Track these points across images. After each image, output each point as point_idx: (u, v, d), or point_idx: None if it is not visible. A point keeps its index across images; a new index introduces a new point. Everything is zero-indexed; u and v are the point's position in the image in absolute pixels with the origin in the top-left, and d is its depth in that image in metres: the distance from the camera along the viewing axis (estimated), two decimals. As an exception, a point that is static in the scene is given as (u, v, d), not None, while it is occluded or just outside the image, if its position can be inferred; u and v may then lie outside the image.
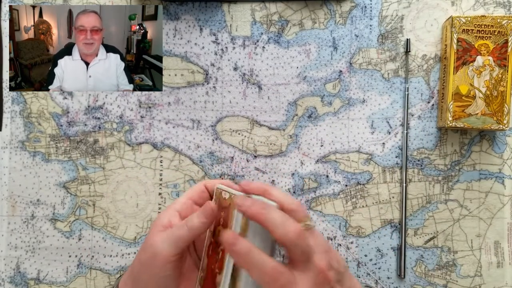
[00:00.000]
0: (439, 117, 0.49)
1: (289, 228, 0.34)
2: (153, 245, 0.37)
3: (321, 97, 0.50)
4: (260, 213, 0.35)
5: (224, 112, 0.51)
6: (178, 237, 0.37)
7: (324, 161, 0.50)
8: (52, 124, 0.50)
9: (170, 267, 0.37)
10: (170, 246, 0.37)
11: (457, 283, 0.49)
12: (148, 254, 0.38)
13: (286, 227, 0.34)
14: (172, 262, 0.37)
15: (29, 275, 0.50)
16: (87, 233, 0.50)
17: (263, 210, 0.35)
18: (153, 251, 0.37)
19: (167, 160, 0.50)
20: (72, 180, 0.50)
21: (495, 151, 0.50)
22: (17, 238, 0.50)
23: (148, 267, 0.38)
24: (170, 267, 0.37)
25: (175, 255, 0.37)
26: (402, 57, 0.50)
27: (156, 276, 0.37)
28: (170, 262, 0.37)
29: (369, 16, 0.50)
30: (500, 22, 0.46)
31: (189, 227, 0.37)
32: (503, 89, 0.46)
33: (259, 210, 0.35)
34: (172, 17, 0.50)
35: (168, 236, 0.37)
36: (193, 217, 0.38)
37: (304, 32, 0.50)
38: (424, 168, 0.50)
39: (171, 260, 0.37)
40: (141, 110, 0.50)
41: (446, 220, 0.50)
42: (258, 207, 0.35)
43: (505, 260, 0.49)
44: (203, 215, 0.37)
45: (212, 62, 0.50)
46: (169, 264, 0.37)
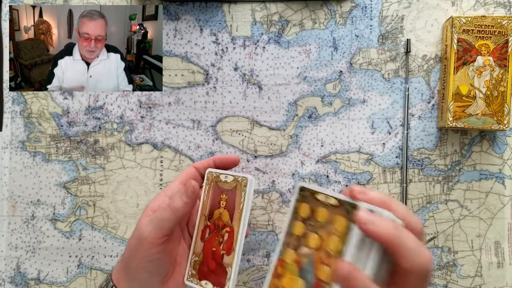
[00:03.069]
0: (439, 117, 0.49)
1: (425, 257, 0.29)
2: (139, 229, 0.38)
3: (321, 97, 0.50)
4: (393, 235, 0.29)
5: (225, 112, 0.50)
6: (161, 219, 0.37)
7: (324, 161, 0.50)
8: (52, 124, 0.50)
9: (157, 250, 0.37)
10: (155, 229, 0.37)
11: (457, 283, 0.49)
12: (135, 238, 0.38)
13: (422, 256, 0.29)
14: (158, 245, 0.37)
15: (29, 275, 0.50)
16: (88, 233, 0.50)
17: (397, 232, 0.29)
18: (139, 236, 0.37)
19: (168, 160, 0.50)
20: (73, 180, 0.50)
21: (496, 151, 0.50)
22: (17, 238, 0.50)
23: (136, 252, 0.38)
24: (156, 250, 0.37)
25: (161, 237, 0.37)
26: (403, 57, 0.50)
27: (144, 260, 0.37)
28: (156, 246, 0.37)
29: (369, 16, 0.50)
30: (501, 22, 0.46)
31: (172, 208, 0.37)
32: (503, 89, 0.46)
33: (394, 232, 0.29)
34: (172, 17, 0.50)
35: (152, 219, 0.37)
36: (175, 197, 0.38)
37: (304, 32, 0.50)
38: (425, 168, 0.50)
39: (157, 243, 0.37)
40: (142, 110, 0.50)
41: (447, 220, 0.50)
42: (391, 228, 0.29)
43: (505, 260, 0.49)
44: (185, 195, 0.37)
45: (212, 62, 0.50)
46: (155, 247, 0.37)
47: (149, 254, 0.37)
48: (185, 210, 0.38)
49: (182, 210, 0.37)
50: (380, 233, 0.29)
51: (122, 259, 0.40)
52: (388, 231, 0.29)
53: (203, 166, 0.43)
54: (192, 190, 0.37)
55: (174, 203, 0.37)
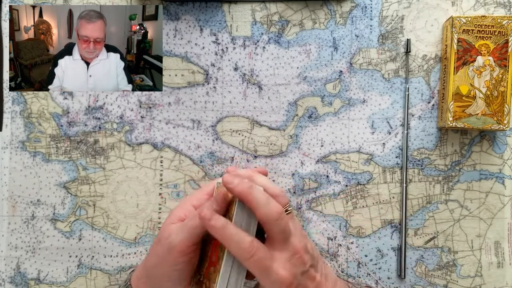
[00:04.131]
0: (439, 117, 0.49)
1: (272, 207, 0.36)
2: (168, 237, 0.38)
3: (321, 97, 0.50)
4: (246, 191, 0.36)
5: (225, 112, 0.50)
6: (192, 227, 0.37)
7: (324, 161, 0.50)
8: (52, 124, 0.50)
9: (186, 259, 0.37)
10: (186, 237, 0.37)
11: (457, 283, 0.49)
12: (164, 246, 0.38)
13: (269, 206, 0.36)
14: (187, 254, 0.37)
15: (29, 275, 0.50)
16: (88, 233, 0.50)
17: (249, 189, 0.36)
18: (169, 243, 0.37)
19: (168, 160, 0.50)
20: (73, 180, 0.50)
21: (495, 152, 0.50)
22: (17, 238, 0.50)
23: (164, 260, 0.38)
24: (185, 259, 0.37)
25: (191, 245, 0.37)
26: (403, 57, 0.50)
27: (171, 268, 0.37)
28: (186, 254, 0.37)
29: (369, 16, 0.50)
30: (501, 22, 0.46)
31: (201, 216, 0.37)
32: (503, 89, 0.46)
33: (246, 188, 0.36)
34: (172, 17, 0.50)
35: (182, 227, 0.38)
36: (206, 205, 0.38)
37: (304, 32, 0.50)
38: (425, 168, 0.50)
39: (187, 251, 0.37)
40: (142, 110, 0.50)
41: (447, 220, 0.50)
42: (244, 185, 0.36)
43: (505, 260, 0.49)
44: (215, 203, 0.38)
45: (212, 62, 0.50)
46: (184, 255, 0.37)
47: (177, 262, 0.37)
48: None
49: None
50: (237, 189, 0.36)
51: (144, 266, 0.40)
52: (243, 188, 0.36)
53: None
54: (222, 198, 0.38)
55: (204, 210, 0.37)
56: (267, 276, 0.35)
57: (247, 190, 0.36)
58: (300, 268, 0.37)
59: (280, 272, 0.35)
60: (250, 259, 0.35)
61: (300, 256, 0.37)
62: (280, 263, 0.36)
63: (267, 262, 0.35)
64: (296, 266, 0.36)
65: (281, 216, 0.36)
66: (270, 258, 0.35)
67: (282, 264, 0.36)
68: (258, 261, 0.35)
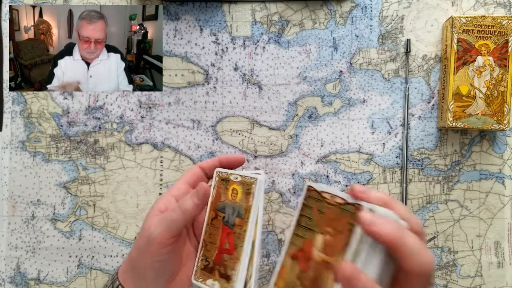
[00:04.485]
0: (439, 117, 0.49)
1: (427, 258, 0.29)
2: (148, 229, 0.38)
3: (321, 97, 0.50)
4: (396, 236, 0.28)
5: (225, 112, 0.50)
6: (171, 219, 0.37)
7: (324, 161, 0.50)
8: (52, 124, 0.50)
9: (166, 250, 0.37)
10: (165, 229, 0.37)
11: (457, 283, 0.49)
12: (144, 238, 0.38)
13: (423, 257, 0.29)
14: (167, 246, 0.37)
15: (29, 275, 0.50)
16: (88, 233, 0.50)
17: (400, 233, 0.29)
18: (148, 236, 0.37)
19: (168, 160, 0.50)
20: (73, 180, 0.50)
21: (496, 151, 0.50)
22: (17, 238, 0.50)
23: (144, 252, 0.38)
24: (166, 250, 0.37)
25: (170, 238, 0.37)
26: (403, 57, 0.50)
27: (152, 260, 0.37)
28: (166, 246, 0.37)
29: (369, 16, 0.50)
30: (501, 22, 0.46)
31: (182, 209, 0.37)
32: (503, 89, 0.46)
33: (396, 233, 0.29)
34: (172, 17, 0.50)
35: (162, 219, 0.37)
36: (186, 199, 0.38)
37: (304, 32, 0.50)
38: (425, 168, 0.50)
39: (167, 243, 0.37)
40: (142, 110, 0.50)
41: (447, 220, 0.50)
42: (394, 229, 0.29)
43: (505, 260, 0.49)
44: (196, 197, 0.37)
45: (212, 62, 0.50)
46: (165, 248, 0.37)
47: (158, 254, 0.37)
48: (195, 212, 0.38)
49: (192, 212, 0.37)
50: (383, 234, 0.28)
51: (129, 258, 0.40)
52: (391, 232, 0.28)
53: (208, 165, 0.43)
54: (204, 192, 0.37)
55: (184, 204, 0.37)
56: None
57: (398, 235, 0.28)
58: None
59: None
60: None
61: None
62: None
63: None
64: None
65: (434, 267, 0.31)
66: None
67: None
68: None
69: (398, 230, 0.29)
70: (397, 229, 0.29)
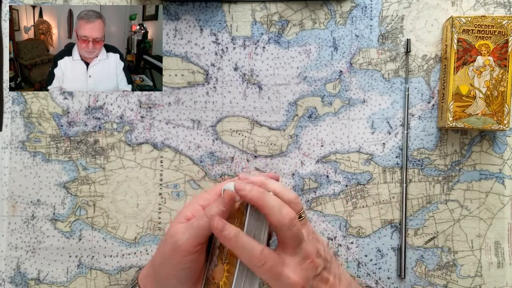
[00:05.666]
0: (439, 117, 0.49)
1: (285, 214, 0.36)
2: (174, 236, 0.38)
3: (321, 97, 0.50)
4: (259, 197, 0.36)
5: (225, 112, 0.50)
6: (198, 227, 0.37)
7: (324, 161, 0.50)
8: (52, 124, 0.50)
9: (191, 259, 0.37)
10: (192, 237, 0.37)
11: (457, 283, 0.49)
12: (169, 245, 0.38)
13: (283, 212, 0.36)
14: (192, 254, 0.37)
15: (29, 275, 0.50)
16: (87, 233, 0.50)
17: (262, 194, 0.36)
18: (174, 242, 0.37)
19: (168, 160, 0.50)
20: (73, 180, 0.50)
21: (496, 151, 0.50)
22: (17, 238, 0.50)
23: (169, 259, 0.38)
24: (190, 259, 0.37)
25: (197, 245, 0.37)
26: (403, 57, 0.50)
27: (177, 267, 0.38)
28: (191, 254, 0.37)
29: (369, 16, 0.50)
30: (501, 22, 0.46)
31: (209, 216, 0.37)
32: (503, 89, 0.46)
33: (258, 194, 0.36)
34: (172, 17, 0.50)
35: (189, 226, 0.38)
36: (212, 206, 0.38)
37: (304, 32, 0.50)
38: (425, 168, 0.50)
39: (193, 251, 0.37)
40: (142, 110, 0.50)
41: (447, 220, 0.50)
42: (258, 192, 0.36)
43: (505, 260, 0.49)
44: (222, 203, 0.38)
45: (212, 62, 0.50)
46: (189, 255, 0.37)
47: (183, 262, 0.37)
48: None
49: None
50: (250, 195, 0.36)
51: (152, 264, 0.40)
52: (256, 194, 0.36)
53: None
54: (229, 199, 0.38)
55: (211, 211, 0.37)
56: (278, 282, 0.36)
57: (260, 196, 0.36)
58: (312, 272, 0.37)
59: (291, 277, 0.36)
60: (261, 267, 0.35)
61: (312, 260, 0.37)
62: (291, 268, 0.36)
63: (278, 269, 0.36)
64: (307, 271, 0.37)
65: (293, 222, 0.36)
66: (281, 264, 0.36)
67: (293, 269, 0.36)
68: (269, 269, 0.35)
69: (261, 192, 0.37)
70: (260, 192, 0.37)
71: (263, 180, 0.40)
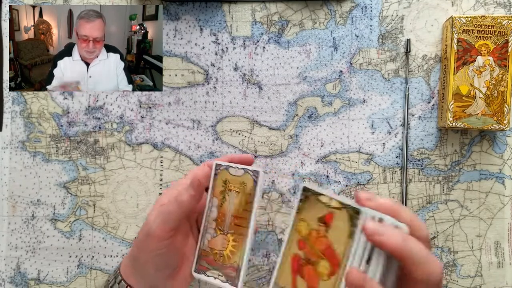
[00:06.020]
0: (439, 117, 0.49)
1: (434, 267, 0.29)
2: (147, 223, 0.38)
3: (321, 97, 0.50)
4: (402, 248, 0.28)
5: (225, 112, 0.50)
6: (168, 212, 0.37)
7: (324, 161, 0.50)
8: (52, 124, 0.50)
9: (164, 244, 0.37)
10: (162, 222, 0.37)
11: (458, 283, 0.49)
12: (143, 232, 0.38)
13: (431, 266, 0.29)
14: (166, 239, 0.37)
15: (29, 275, 0.50)
16: (88, 233, 0.50)
17: (405, 243, 0.29)
18: (147, 229, 0.37)
19: (168, 160, 0.50)
20: (73, 180, 0.50)
21: (496, 151, 0.50)
22: (17, 238, 0.50)
23: (144, 245, 0.38)
24: (164, 244, 0.37)
25: (168, 231, 0.37)
26: (403, 57, 0.50)
27: (152, 254, 0.37)
28: (164, 240, 0.37)
29: (369, 16, 0.50)
30: (501, 22, 0.46)
31: (179, 201, 0.37)
32: (503, 89, 0.46)
33: (401, 243, 0.29)
34: (172, 17, 0.50)
35: (160, 212, 0.38)
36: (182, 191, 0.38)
37: (304, 32, 0.50)
38: (425, 168, 0.50)
39: (165, 237, 0.37)
40: (142, 110, 0.50)
41: (447, 220, 0.50)
42: (400, 239, 0.29)
43: (505, 260, 0.49)
44: (191, 188, 0.37)
45: (212, 62, 0.50)
46: (163, 241, 0.37)
47: (156, 248, 0.37)
48: (192, 204, 0.38)
49: (188, 203, 0.37)
50: (389, 244, 0.29)
51: (131, 253, 0.40)
52: (397, 242, 0.28)
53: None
54: (198, 183, 0.37)
55: (180, 196, 0.37)
56: None
57: (402, 246, 0.28)
58: None
59: None
60: None
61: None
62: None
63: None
64: None
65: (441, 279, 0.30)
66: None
67: None
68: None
69: (403, 240, 0.29)
70: (402, 238, 0.29)
71: (393, 207, 0.31)
